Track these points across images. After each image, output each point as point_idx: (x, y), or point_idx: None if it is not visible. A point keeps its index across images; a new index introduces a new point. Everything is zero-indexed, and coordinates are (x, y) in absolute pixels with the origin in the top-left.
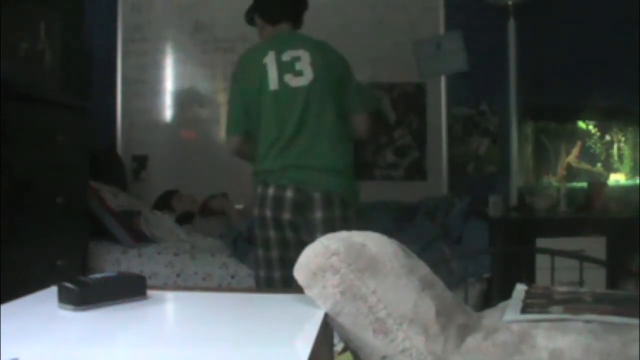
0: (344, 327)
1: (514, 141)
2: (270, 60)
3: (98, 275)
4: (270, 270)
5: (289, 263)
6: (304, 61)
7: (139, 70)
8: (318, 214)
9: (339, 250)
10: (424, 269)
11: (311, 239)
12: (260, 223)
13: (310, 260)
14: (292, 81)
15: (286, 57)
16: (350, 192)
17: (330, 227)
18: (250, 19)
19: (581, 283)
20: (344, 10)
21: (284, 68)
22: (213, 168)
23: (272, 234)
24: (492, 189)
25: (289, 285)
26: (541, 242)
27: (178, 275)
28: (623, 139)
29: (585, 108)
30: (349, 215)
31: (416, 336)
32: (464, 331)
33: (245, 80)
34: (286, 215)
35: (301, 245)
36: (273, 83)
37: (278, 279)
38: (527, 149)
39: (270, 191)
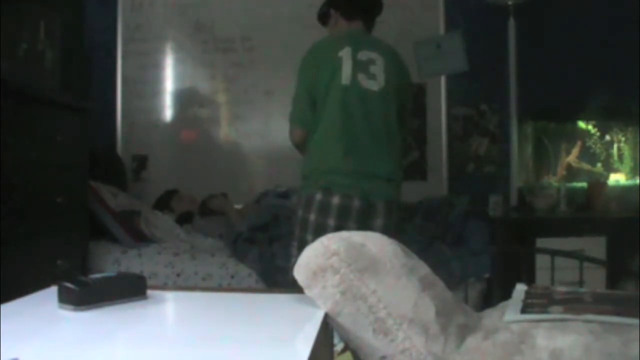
0: (344, 327)
1: (514, 141)
2: (346, 54)
3: (98, 275)
4: None
5: None
6: (379, 65)
7: (139, 70)
8: (379, 222)
9: (339, 250)
10: (424, 269)
11: None
12: (318, 230)
13: (310, 260)
14: (364, 82)
15: (362, 56)
16: (400, 199)
17: (388, 233)
18: (323, 14)
19: (581, 283)
20: None
21: (359, 67)
22: (213, 168)
23: None
24: (492, 189)
25: None
26: (541, 242)
27: (178, 275)
28: (623, 139)
29: (585, 108)
30: (400, 220)
31: (416, 336)
32: (464, 331)
33: (316, 69)
34: (351, 225)
35: None
36: (346, 78)
37: None
38: (527, 149)
39: (335, 200)
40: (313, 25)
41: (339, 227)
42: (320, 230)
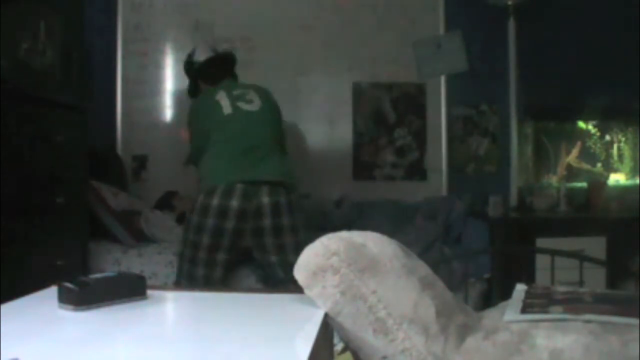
0: (344, 327)
1: (514, 141)
2: (222, 96)
3: (98, 275)
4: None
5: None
6: (252, 95)
7: (139, 70)
8: (267, 222)
9: (339, 250)
10: (424, 269)
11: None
12: (198, 229)
13: (310, 260)
14: (244, 106)
15: (236, 92)
16: (295, 199)
17: (281, 233)
18: (193, 91)
19: (581, 283)
20: (344, 10)
21: (236, 98)
22: None
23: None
24: (492, 189)
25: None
26: (541, 242)
27: None
28: (623, 139)
29: (585, 108)
30: (297, 221)
31: (416, 336)
32: (464, 331)
33: (202, 117)
34: (229, 224)
35: None
36: (227, 108)
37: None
38: (527, 149)
39: (215, 201)
40: (313, 26)
41: (216, 226)
42: (200, 229)
